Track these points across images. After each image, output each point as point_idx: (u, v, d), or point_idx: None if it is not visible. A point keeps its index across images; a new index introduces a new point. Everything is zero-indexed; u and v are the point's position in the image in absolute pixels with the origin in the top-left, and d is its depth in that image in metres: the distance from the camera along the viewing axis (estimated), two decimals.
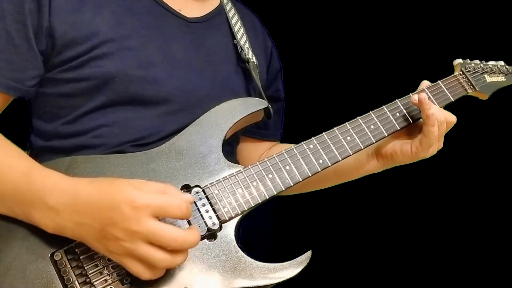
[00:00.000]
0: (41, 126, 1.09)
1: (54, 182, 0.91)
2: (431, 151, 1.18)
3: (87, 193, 0.88)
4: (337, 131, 1.15)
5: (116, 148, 1.05)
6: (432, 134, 1.14)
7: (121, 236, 0.85)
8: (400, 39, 2.36)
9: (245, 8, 1.38)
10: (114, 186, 0.88)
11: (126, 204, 0.85)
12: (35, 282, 0.91)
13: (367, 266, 2.48)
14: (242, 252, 1.01)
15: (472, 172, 2.36)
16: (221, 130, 1.10)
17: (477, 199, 2.37)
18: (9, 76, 1.01)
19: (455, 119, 1.19)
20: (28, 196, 0.90)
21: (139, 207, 0.85)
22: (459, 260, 2.37)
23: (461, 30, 2.24)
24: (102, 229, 0.86)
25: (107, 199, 0.86)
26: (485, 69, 1.35)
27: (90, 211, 0.87)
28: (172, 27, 1.15)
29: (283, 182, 1.08)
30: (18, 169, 0.93)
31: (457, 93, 1.28)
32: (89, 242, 0.90)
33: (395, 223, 2.43)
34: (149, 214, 0.86)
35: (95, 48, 1.04)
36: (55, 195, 0.89)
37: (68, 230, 0.89)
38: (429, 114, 1.13)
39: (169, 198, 0.88)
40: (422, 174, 2.18)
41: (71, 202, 0.88)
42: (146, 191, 0.87)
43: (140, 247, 0.85)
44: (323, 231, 2.47)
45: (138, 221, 0.84)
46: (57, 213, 0.88)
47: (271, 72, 1.37)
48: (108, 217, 0.86)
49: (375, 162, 1.25)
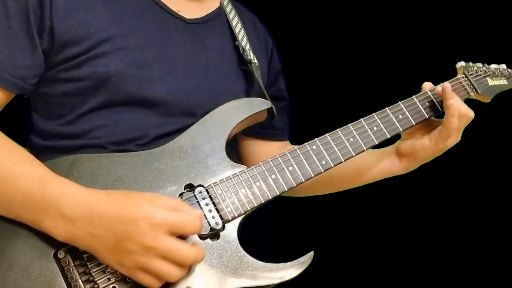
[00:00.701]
0: (40, 125, 1.08)
1: (70, 192, 0.91)
2: (450, 142, 1.20)
3: (104, 206, 0.90)
4: (340, 132, 1.16)
5: (116, 147, 1.05)
6: (452, 124, 1.17)
7: (136, 250, 0.87)
8: (403, 41, 2.35)
9: (245, 8, 1.38)
10: (131, 200, 0.91)
11: (144, 220, 0.88)
12: (38, 280, 0.91)
13: (369, 267, 2.48)
14: (244, 252, 1.02)
15: (473, 174, 2.36)
16: (225, 130, 1.10)
17: (479, 200, 2.37)
18: (12, 73, 1.01)
19: (473, 114, 1.21)
20: (42, 204, 0.90)
21: (156, 224, 0.88)
22: (459, 260, 2.38)
23: (464, 33, 2.24)
24: (117, 242, 0.88)
25: (125, 213, 0.89)
26: (488, 72, 1.35)
27: (106, 224, 0.88)
28: (171, 28, 1.15)
29: (286, 182, 1.08)
30: (31, 176, 0.92)
31: (460, 96, 1.27)
32: (101, 254, 0.91)
33: (397, 223, 2.43)
34: (165, 231, 0.89)
35: (93, 48, 1.04)
36: (72, 204, 0.90)
37: (81, 240, 0.90)
38: (450, 103, 1.16)
39: (184, 216, 0.92)
40: (424, 175, 2.18)
41: (87, 213, 0.89)
42: (161, 206, 0.91)
43: (154, 262, 0.89)
44: (325, 232, 2.47)
45: (155, 238, 0.88)
46: (72, 223, 0.89)
47: (272, 72, 1.37)
48: (125, 231, 0.88)
49: (398, 163, 1.27)
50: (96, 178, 0.99)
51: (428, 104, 1.24)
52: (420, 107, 1.22)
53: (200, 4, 1.24)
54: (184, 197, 1.02)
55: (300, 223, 2.52)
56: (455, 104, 1.17)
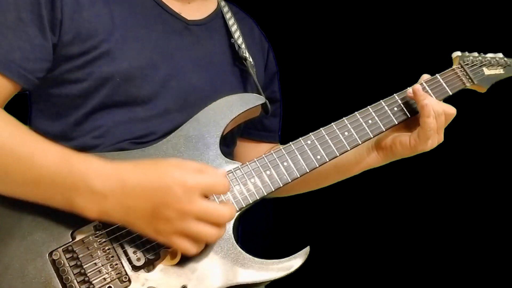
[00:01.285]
0: (40, 125, 1.08)
1: (98, 166, 0.91)
2: (430, 143, 1.17)
3: (134, 176, 0.90)
4: (334, 126, 1.15)
5: (115, 146, 1.05)
6: (429, 125, 1.14)
7: (174, 216, 0.88)
8: (397, 32, 2.34)
9: (242, 12, 1.38)
10: (160, 168, 0.91)
11: (177, 185, 0.88)
12: (33, 282, 0.91)
13: (366, 265, 2.49)
14: (240, 248, 1.02)
15: (471, 169, 2.35)
16: (219, 127, 1.10)
17: (476, 196, 2.36)
18: (22, 65, 1.00)
19: (454, 111, 1.19)
20: (70, 180, 0.89)
21: (190, 188, 0.89)
22: (458, 258, 2.38)
23: (459, 23, 2.23)
24: (154, 210, 0.88)
25: (157, 181, 0.89)
26: (484, 62, 1.34)
27: (141, 194, 0.89)
28: (172, 29, 1.16)
29: (280, 178, 1.08)
30: (56, 152, 0.92)
31: (455, 87, 1.27)
32: (137, 225, 0.91)
33: (394, 222, 2.43)
34: (199, 194, 0.90)
35: (96, 48, 1.04)
36: (101, 179, 0.89)
37: (116, 213, 0.90)
38: (423, 104, 1.14)
39: (213, 177, 0.94)
40: (420, 172, 2.19)
41: (118, 185, 0.89)
42: (190, 170, 0.92)
43: (192, 225, 0.89)
44: (322, 231, 2.47)
45: (190, 201, 0.89)
46: (104, 198, 0.89)
47: (268, 74, 1.37)
48: (160, 198, 0.88)
49: (375, 155, 1.25)
50: None
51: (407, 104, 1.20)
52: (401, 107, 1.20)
53: (201, 6, 1.24)
54: None
55: (296, 223, 2.53)
56: (429, 105, 1.13)
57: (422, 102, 1.14)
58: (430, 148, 1.18)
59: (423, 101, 1.14)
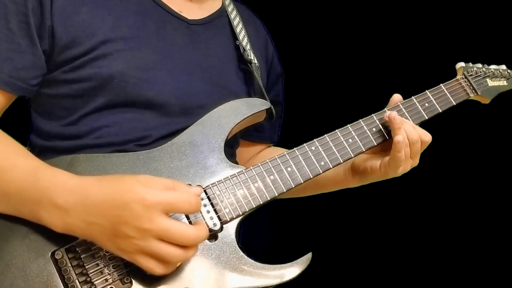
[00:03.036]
0: (41, 126, 1.08)
1: (62, 181, 0.90)
2: (401, 170, 1.14)
3: (96, 192, 0.88)
4: (339, 133, 1.15)
5: (117, 148, 1.04)
6: (399, 158, 1.11)
7: (133, 234, 0.85)
8: (402, 42, 2.35)
9: (248, 10, 1.37)
10: (122, 184, 0.88)
11: (136, 202, 0.85)
12: (35, 281, 0.90)
13: (368, 269, 2.48)
14: (242, 253, 1.01)
15: (472, 173, 2.35)
16: (224, 130, 1.10)
17: (478, 200, 2.37)
18: (13, 75, 1.00)
19: (430, 138, 1.15)
20: (35, 195, 0.89)
21: (150, 205, 0.85)
22: (458, 260, 2.38)
23: (464, 34, 2.24)
24: (113, 228, 0.86)
25: (117, 198, 0.86)
26: (487, 73, 1.35)
27: (100, 210, 0.86)
28: (172, 29, 1.15)
29: (284, 183, 1.08)
30: (24, 167, 0.92)
31: (459, 97, 1.27)
32: (100, 241, 0.89)
33: (396, 226, 2.43)
34: (160, 212, 0.86)
35: (95, 49, 1.04)
36: (64, 194, 0.88)
37: (78, 229, 0.89)
38: (395, 141, 1.10)
39: (178, 194, 0.88)
40: (421, 176, 2.18)
41: (80, 201, 0.88)
42: (154, 187, 0.87)
43: (152, 244, 0.86)
44: (324, 235, 2.47)
45: (150, 219, 0.85)
46: (66, 213, 0.88)
47: (272, 76, 1.37)
48: (119, 215, 0.85)
49: (351, 177, 1.24)
50: None
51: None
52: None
53: (202, 5, 1.23)
54: None
55: (298, 227, 2.52)
56: (401, 142, 1.09)
57: (396, 137, 1.10)
58: (401, 173, 1.16)
59: (397, 136, 1.10)
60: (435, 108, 1.23)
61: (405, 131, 1.11)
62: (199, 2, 1.23)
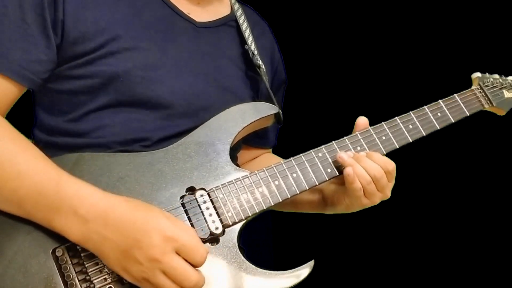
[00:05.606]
0: (44, 120, 1.08)
1: (88, 192, 0.91)
2: (367, 203, 1.11)
3: (121, 210, 0.90)
4: (347, 140, 1.14)
5: (120, 147, 1.04)
6: (355, 189, 1.07)
7: (143, 261, 0.88)
8: (417, 51, 2.32)
9: (257, 15, 1.37)
10: (150, 211, 0.91)
11: (157, 232, 0.88)
12: (35, 277, 0.91)
13: (369, 275, 2.46)
14: (244, 258, 1.01)
15: (475, 176, 2.31)
16: (230, 134, 1.09)
17: (480, 203, 2.33)
18: (26, 67, 1.01)
19: (393, 167, 1.09)
20: (55, 202, 0.90)
21: (168, 239, 0.88)
22: (459, 263, 2.34)
23: (481, 44, 2.20)
24: (126, 249, 0.88)
25: (140, 222, 0.89)
26: (504, 84, 1.32)
27: (120, 228, 0.88)
28: (180, 30, 1.15)
29: (289, 189, 1.07)
30: (47, 174, 0.92)
31: (473, 108, 1.25)
32: (108, 258, 0.90)
33: (396, 230, 2.41)
34: (174, 249, 0.89)
35: (102, 47, 1.04)
36: (87, 204, 0.90)
37: (91, 241, 0.90)
38: (345, 174, 1.07)
39: (195, 243, 0.91)
40: (421, 181, 2.15)
41: (102, 215, 0.89)
42: (177, 225, 0.91)
43: (158, 276, 0.88)
44: (326, 238, 2.46)
45: (163, 252, 0.88)
46: (85, 222, 0.89)
47: (276, 83, 1.36)
48: (136, 239, 0.88)
49: (323, 205, 1.21)
50: (98, 177, 0.99)
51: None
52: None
53: (209, 8, 1.23)
54: (185, 200, 1.01)
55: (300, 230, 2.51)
56: (351, 175, 1.06)
57: (345, 170, 1.06)
58: (371, 205, 1.12)
59: (346, 169, 1.07)
60: (447, 118, 1.21)
61: (364, 168, 1.07)
62: (207, 5, 1.23)
